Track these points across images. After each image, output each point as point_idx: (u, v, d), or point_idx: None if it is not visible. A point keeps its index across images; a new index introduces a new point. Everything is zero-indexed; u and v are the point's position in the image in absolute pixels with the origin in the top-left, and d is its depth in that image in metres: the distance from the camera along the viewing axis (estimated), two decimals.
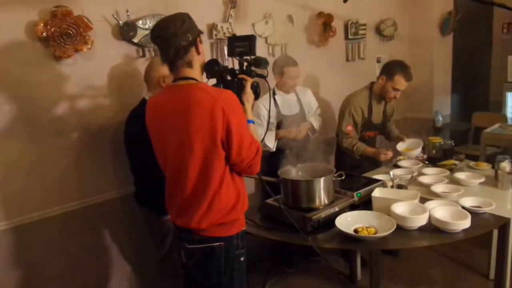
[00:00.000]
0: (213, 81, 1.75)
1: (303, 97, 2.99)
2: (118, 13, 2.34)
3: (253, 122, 1.74)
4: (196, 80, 1.61)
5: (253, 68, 1.76)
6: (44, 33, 2.08)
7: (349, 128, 2.87)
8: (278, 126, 2.85)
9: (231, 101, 1.54)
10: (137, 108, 2.17)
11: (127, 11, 2.35)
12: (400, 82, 2.78)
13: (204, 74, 1.71)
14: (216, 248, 1.64)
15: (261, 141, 2.00)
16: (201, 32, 1.63)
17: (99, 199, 2.42)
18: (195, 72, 1.62)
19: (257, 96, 1.77)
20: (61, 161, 2.27)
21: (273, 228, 2.03)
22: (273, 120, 2.79)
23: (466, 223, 1.84)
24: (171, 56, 1.55)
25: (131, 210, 2.40)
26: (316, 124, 2.99)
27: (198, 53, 1.61)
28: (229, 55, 1.80)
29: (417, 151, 2.86)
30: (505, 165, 2.32)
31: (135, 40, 2.41)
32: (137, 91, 2.39)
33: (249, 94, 1.72)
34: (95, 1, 2.27)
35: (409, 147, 2.93)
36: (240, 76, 1.73)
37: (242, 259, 1.72)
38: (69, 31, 2.14)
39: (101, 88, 2.36)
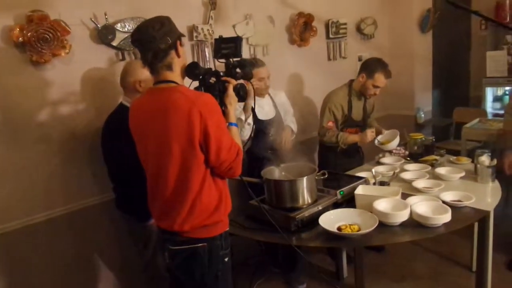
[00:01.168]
0: (196, 83, 1.73)
1: (277, 100, 2.94)
2: (96, 17, 2.32)
3: (235, 124, 1.74)
4: (176, 83, 1.61)
5: (238, 70, 1.75)
6: (20, 38, 2.05)
7: (330, 124, 2.91)
8: (259, 133, 2.77)
9: (209, 104, 1.55)
10: (114, 113, 2.14)
11: (105, 15, 2.33)
12: (380, 79, 2.83)
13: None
14: (200, 249, 1.64)
15: (246, 144, 1.99)
16: (182, 35, 1.64)
17: (84, 205, 2.40)
18: (175, 75, 1.62)
19: (241, 98, 1.77)
20: (44, 167, 2.25)
21: (257, 229, 2.03)
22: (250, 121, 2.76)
23: (446, 217, 1.87)
24: (150, 59, 1.56)
25: (115, 215, 2.38)
26: (294, 126, 2.97)
27: (178, 56, 1.62)
28: (214, 56, 1.81)
29: (395, 142, 2.86)
30: (484, 159, 2.37)
31: (114, 43, 2.39)
32: (118, 95, 2.36)
33: (231, 96, 1.71)
34: (73, 5, 2.24)
35: (386, 139, 2.94)
36: (223, 78, 1.73)
37: (226, 259, 1.72)
38: (46, 35, 2.11)
39: (81, 92, 2.33)
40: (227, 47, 1.73)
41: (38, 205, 2.24)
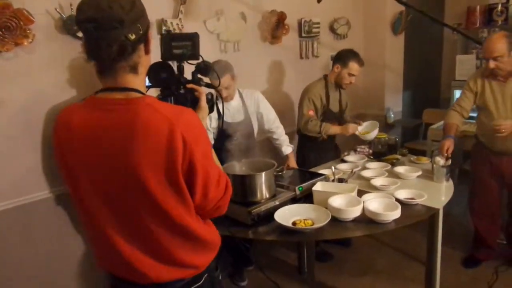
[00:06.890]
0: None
1: (249, 103, 2.84)
2: (62, 7, 2.30)
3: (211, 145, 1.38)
4: (141, 92, 1.14)
5: (199, 75, 1.44)
6: None
7: (311, 112, 2.98)
8: (223, 134, 2.71)
9: (194, 125, 1.11)
10: None
11: (71, 5, 2.30)
12: (354, 67, 2.97)
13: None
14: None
15: None
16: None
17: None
18: (140, 80, 1.16)
19: (210, 110, 1.44)
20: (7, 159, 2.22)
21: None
22: (214, 125, 2.70)
23: (396, 213, 1.95)
24: (113, 54, 1.05)
25: None
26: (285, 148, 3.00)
27: (147, 52, 1.16)
28: (163, 57, 1.39)
29: (374, 133, 2.92)
30: (439, 159, 2.46)
31: (80, 34, 2.38)
32: (84, 86, 2.36)
33: (204, 109, 1.35)
34: None
35: (366, 129, 3.00)
36: (190, 86, 1.37)
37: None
38: (8, 24, 2.09)
39: (44, 82, 2.31)
40: (181, 45, 1.37)
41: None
